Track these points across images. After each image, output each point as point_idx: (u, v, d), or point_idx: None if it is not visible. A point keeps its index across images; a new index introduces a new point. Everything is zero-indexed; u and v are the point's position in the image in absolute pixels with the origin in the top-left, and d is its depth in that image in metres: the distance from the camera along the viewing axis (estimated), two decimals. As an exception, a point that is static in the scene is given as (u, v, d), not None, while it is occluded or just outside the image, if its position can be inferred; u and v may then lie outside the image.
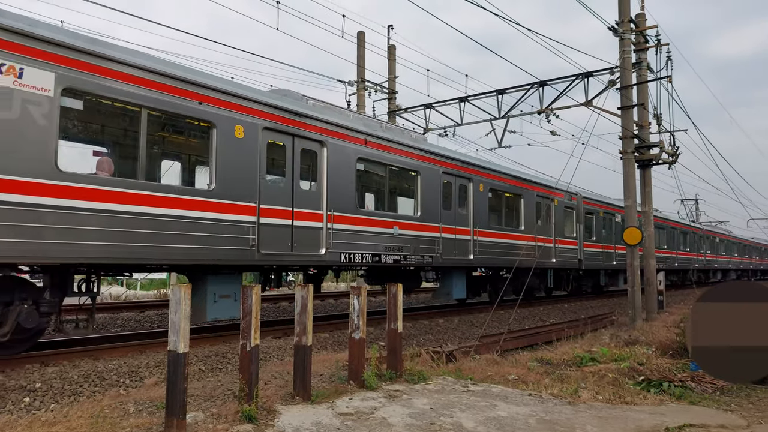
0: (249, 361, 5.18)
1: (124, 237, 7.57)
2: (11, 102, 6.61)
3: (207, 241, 8.56)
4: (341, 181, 10.92)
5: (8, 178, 6.54)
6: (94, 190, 7.31)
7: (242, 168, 9.13)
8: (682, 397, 6.52)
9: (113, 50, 7.72)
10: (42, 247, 6.80)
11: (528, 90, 17.10)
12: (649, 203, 16.07)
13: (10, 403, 6.32)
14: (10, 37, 6.61)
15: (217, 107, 8.77)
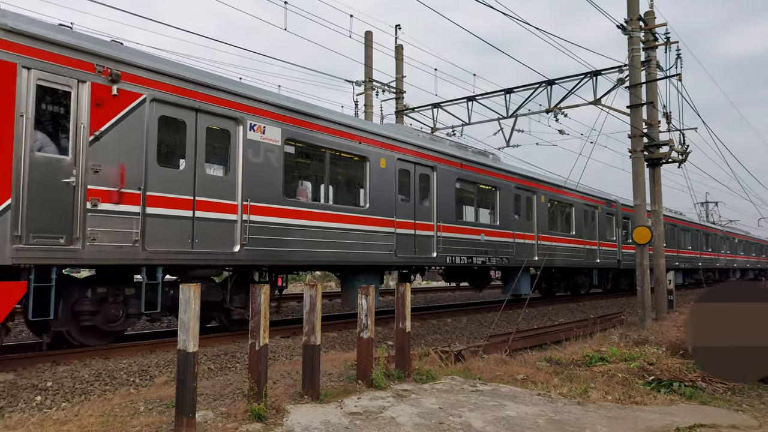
0: (258, 360, 5.20)
1: (314, 245, 10.28)
2: (260, 150, 9.39)
3: (364, 247, 11.29)
4: (446, 197, 13.49)
5: (264, 205, 9.39)
6: (300, 212, 10.11)
7: (385, 191, 11.87)
8: (693, 397, 6.47)
9: (316, 110, 10.64)
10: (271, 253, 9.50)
11: (536, 89, 17.04)
12: (658, 202, 15.97)
13: (22, 401, 6.38)
14: (260, 106, 9.46)
15: (370, 145, 11.57)
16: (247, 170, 9.23)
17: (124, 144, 7.72)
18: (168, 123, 8.40)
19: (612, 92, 15.39)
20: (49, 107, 7.27)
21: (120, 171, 7.63)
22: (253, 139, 9.28)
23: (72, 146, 7.31)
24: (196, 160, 8.66)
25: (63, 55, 7.24)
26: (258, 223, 9.31)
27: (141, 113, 7.94)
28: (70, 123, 7.32)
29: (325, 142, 10.68)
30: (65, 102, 7.33)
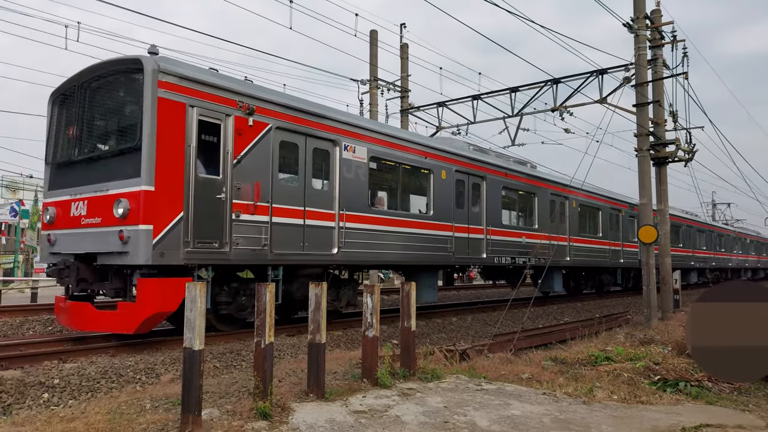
0: (263, 358, 5.21)
1: (391, 247, 11.83)
2: (351, 167, 11.00)
3: (429, 249, 12.87)
4: (494, 204, 15.18)
5: (354, 214, 11.04)
6: (381, 218, 11.71)
7: (445, 199, 13.45)
8: (699, 397, 6.45)
9: (392, 131, 12.59)
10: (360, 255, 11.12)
11: (542, 87, 16.99)
12: (664, 201, 15.91)
13: (29, 399, 6.42)
14: (351, 129, 11.14)
15: (433, 159, 13.17)
16: (342, 184, 10.90)
17: (257, 165, 9.37)
18: (286, 146, 10.04)
19: (618, 91, 15.34)
20: (206, 137, 8.76)
21: (255, 188, 9.29)
22: (347, 157, 11.00)
23: (222, 168, 8.91)
24: (306, 176, 10.31)
25: (216, 94, 8.87)
26: (351, 229, 10.99)
27: (268, 139, 9.62)
28: (220, 150, 8.93)
29: (399, 158, 12.42)
30: (216, 133, 8.90)
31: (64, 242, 9.11)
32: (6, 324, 11.54)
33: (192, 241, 8.35)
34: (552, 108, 16.78)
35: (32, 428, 4.69)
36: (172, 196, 8.15)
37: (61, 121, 9.69)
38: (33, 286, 18.55)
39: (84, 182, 8.83)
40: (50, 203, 9.53)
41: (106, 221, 8.32)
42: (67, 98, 9.57)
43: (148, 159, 7.96)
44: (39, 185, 29.28)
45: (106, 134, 9.16)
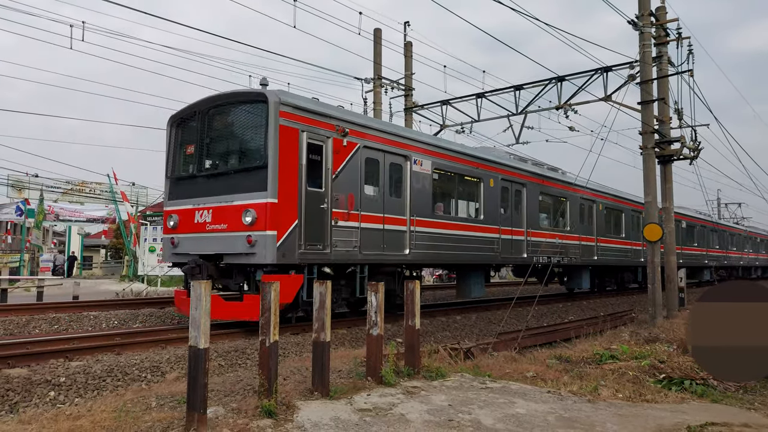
0: (268, 356, 5.23)
1: (449, 248, 13.23)
2: (419, 178, 12.43)
3: (480, 249, 14.28)
4: (533, 208, 16.60)
5: (422, 219, 12.42)
6: (441, 223, 13.07)
7: (493, 204, 14.91)
8: (704, 395, 6.43)
9: (451, 145, 14.11)
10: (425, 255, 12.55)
11: (546, 85, 16.94)
12: (669, 199, 15.84)
13: (35, 397, 6.46)
14: (419, 145, 12.61)
15: (483, 169, 14.71)
16: (412, 193, 12.34)
17: (349, 179, 10.84)
18: (370, 162, 11.47)
19: (623, 88, 15.29)
20: (312, 156, 10.23)
21: (349, 198, 10.81)
22: (416, 170, 12.47)
23: (324, 182, 10.40)
24: (384, 187, 11.76)
25: (320, 120, 10.42)
26: (419, 233, 12.42)
27: (357, 157, 11.09)
28: (322, 167, 10.41)
29: (455, 169, 13.95)
30: (320, 152, 10.42)
31: (187, 244, 10.65)
32: (12, 322, 11.60)
33: (304, 244, 9.90)
34: (556, 106, 16.73)
35: (39, 426, 4.72)
36: (290, 207, 9.72)
37: (182, 141, 11.26)
38: (39, 284, 18.64)
39: (207, 194, 10.39)
40: (173, 211, 11.01)
41: (232, 227, 9.84)
42: (188, 122, 11.12)
43: (272, 176, 9.52)
44: (45, 184, 29.39)
45: (229, 154, 10.71)
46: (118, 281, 27.66)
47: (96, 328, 11.94)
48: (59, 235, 43.59)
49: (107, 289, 23.48)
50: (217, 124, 10.72)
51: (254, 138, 10.10)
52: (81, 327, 11.93)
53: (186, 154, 11.09)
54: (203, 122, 10.71)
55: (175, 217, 10.93)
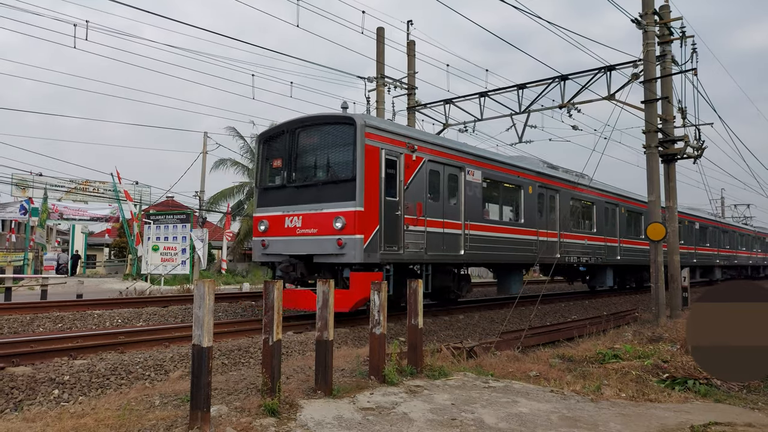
0: (271, 355, 5.24)
1: (495, 249, 14.57)
2: (471, 187, 13.82)
3: (521, 250, 15.57)
4: (564, 212, 18.10)
5: (474, 223, 13.79)
6: (490, 227, 14.48)
7: (531, 209, 16.29)
8: (708, 395, 6.42)
9: (497, 156, 15.67)
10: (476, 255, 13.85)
11: (549, 84, 16.91)
12: (673, 198, 15.80)
13: (40, 395, 6.48)
14: (472, 158, 14.10)
15: (524, 177, 16.14)
16: (466, 200, 13.65)
17: (417, 189, 12.22)
18: (432, 174, 12.85)
19: (626, 87, 15.23)
20: (389, 170, 11.66)
21: (417, 206, 12.19)
22: (469, 179, 13.81)
23: (398, 192, 11.80)
24: (443, 195, 13.08)
25: (395, 139, 11.87)
26: (471, 236, 13.75)
27: (423, 169, 12.47)
28: (396, 179, 11.81)
29: (501, 178, 15.33)
30: (395, 167, 11.81)
31: (277, 246, 12.12)
32: (17, 321, 11.64)
33: (383, 246, 11.27)
34: (560, 105, 16.69)
35: (43, 424, 4.74)
36: (373, 214, 11.15)
37: (270, 156, 12.75)
38: (42, 283, 18.69)
39: (296, 202, 11.87)
40: (262, 217, 12.49)
41: (323, 231, 11.32)
42: (276, 139, 12.61)
43: (359, 188, 10.97)
44: (48, 183, 29.46)
45: (317, 168, 12.11)
46: (121, 280, 27.72)
47: (100, 326, 11.98)
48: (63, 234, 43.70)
49: (111, 287, 23.53)
50: (306, 142, 12.18)
51: (343, 155, 11.56)
52: (85, 325, 11.97)
53: (273, 167, 12.67)
54: (291, 140, 12.20)
55: (265, 222, 12.38)
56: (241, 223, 38.46)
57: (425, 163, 12.48)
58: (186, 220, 25.71)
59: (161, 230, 25.63)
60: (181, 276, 25.85)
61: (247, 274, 33.80)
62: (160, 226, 25.75)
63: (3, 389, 6.45)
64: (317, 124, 12.18)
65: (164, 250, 25.17)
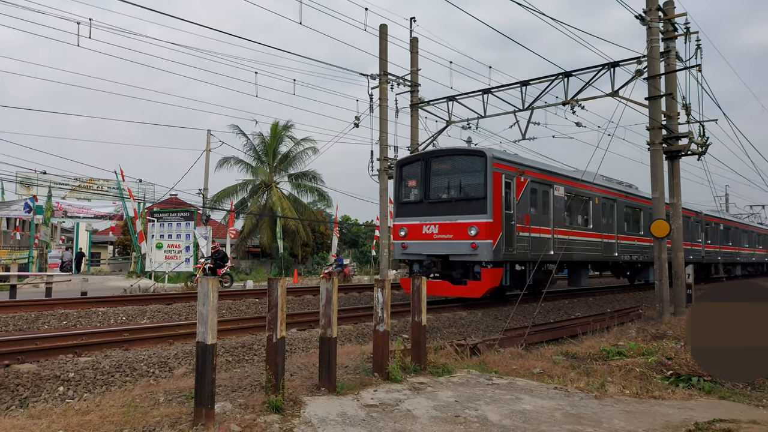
0: (275, 352, 5.24)
1: (571, 249, 17.01)
2: (557, 199, 16.61)
3: (590, 250, 18.40)
4: (620, 218, 20.79)
5: (559, 229, 16.52)
6: (569, 231, 17.08)
7: (596, 216, 19.08)
8: (712, 392, 6.41)
9: (575, 174, 18.01)
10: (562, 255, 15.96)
11: (553, 81, 16.87)
12: (677, 195, 15.76)
13: (45, 392, 6.51)
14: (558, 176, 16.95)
15: (591, 190, 18.81)
16: (554, 211, 16.51)
17: (524, 203, 15.19)
18: (533, 191, 15.81)
19: (630, 84, 15.19)
20: (506, 190, 14.53)
21: (525, 217, 15.16)
22: (556, 194, 16.67)
23: (512, 206, 14.68)
24: (540, 207, 16.03)
25: (511, 166, 14.86)
26: (557, 239, 16.51)
27: (527, 188, 15.39)
28: (511, 196, 14.69)
29: (577, 191, 18.01)
30: (509, 187, 14.70)
31: (415, 248, 15.13)
32: (21, 318, 11.69)
33: (504, 248, 14.21)
34: (563, 101, 16.66)
35: (48, 421, 4.76)
36: (497, 224, 14.07)
37: (407, 178, 15.90)
38: (47, 281, 18.76)
39: (432, 214, 14.88)
40: (402, 225, 15.57)
41: (458, 237, 14.24)
42: (412, 164, 15.89)
43: (489, 204, 13.95)
44: (53, 181, 29.54)
45: (451, 188, 15.08)
46: (125, 278, 27.81)
47: (104, 323, 12.03)
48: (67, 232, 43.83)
49: (115, 285, 23.61)
50: (438, 168, 15.24)
51: (475, 178, 14.44)
52: (89, 323, 12.02)
53: (408, 186, 15.84)
54: (425, 166, 15.37)
55: (405, 229, 15.47)
56: (244, 221, 38.53)
57: (528, 183, 15.46)
58: (190, 217, 25.75)
59: (165, 228, 25.68)
60: (185, 273, 25.92)
61: (251, 272, 33.86)
62: (164, 223, 25.80)
63: (8, 386, 6.48)
64: (449, 154, 15.40)
65: (168, 248, 25.23)
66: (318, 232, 41.38)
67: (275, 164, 38.26)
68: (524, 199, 15.17)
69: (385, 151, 20.89)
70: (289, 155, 38.61)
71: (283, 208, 35.38)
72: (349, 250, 47.50)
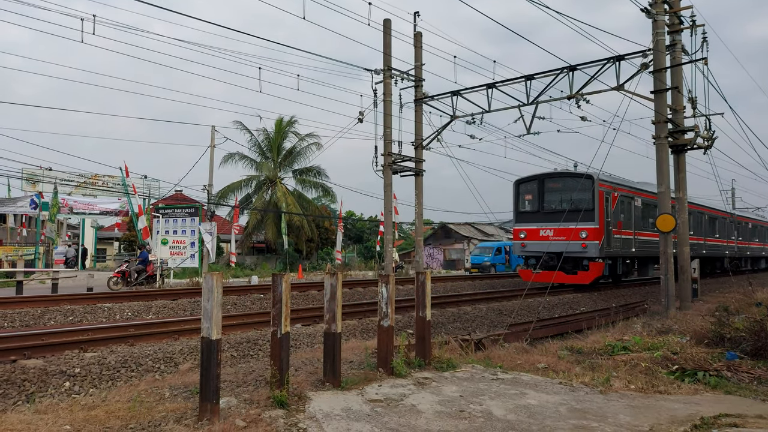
0: (280, 348, 5.25)
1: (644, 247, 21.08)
2: (636, 209, 21.12)
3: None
4: (698, 225, 26.33)
5: (638, 231, 20.96)
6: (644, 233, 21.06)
7: (628, 219, 21.90)
8: (718, 387, 6.37)
9: (646, 186, 21.89)
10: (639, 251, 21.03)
11: (557, 75, 16.78)
12: (683, 189, 15.68)
13: (51, 387, 6.55)
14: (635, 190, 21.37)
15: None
16: (634, 217, 20.67)
17: (617, 213, 19.27)
18: (622, 203, 19.90)
19: (635, 77, 15.09)
20: (606, 204, 18.58)
21: (618, 223, 19.30)
22: (635, 204, 20.90)
23: (610, 215, 18.77)
24: (626, 215, 20.05)
25: (608, 184, 19.00)
26: (637, 240, 20.75)
27: (618, 201, 19.44)
28: (608, 207, 18.71)
29: (647, 201, 21.43)
30: (608, 201, 18.74)
31: (533, 247, 19.58)
32: (28, 314, 11.76)
33: (605, 247, 18.34)
34: (568, 96, 16.57)
35: (54, 416, 4.78)
36: (601, 228, 18.25)
37: (524, 192, 20.35)
38: (53, 277, 18.85)
39: (548, 221, 19.25)
40: (522, 229, 20.12)
41: (570, 238, 18.02)
42: (528, 183, 20.36)
43: (596, 214, 18.21)
44: (58, 178, 29.62)
45: (563, 201, 19.25)
46: (131, 273, 27.85)
47: (110, 319, 12.08)
48: (73, 228, 44.00)
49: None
50: (551, 186, 19.85)
51: (585, 194, 18.28)
52: (95, 318, 12.07)
53: (525, 199, 20.30)
54: (541, 183, 19.98)
55: (524, 232, 20.03)
56: (249, 217, 38.58)
57: (619, 197, 19.76)
58: (195, 213, 25.80)
59: (170, 224, 25.75)
60: (190, 269, 25.98)
61: (256, 267, 33.94)
62: (169, 219, 25.87)
63: (15, 381, 6.52)
64: (561, 176, 20.09)
65: (173, 244, 25.30)
66: (322, 228, 41.42)
67: (280, 160, 38.28)
68: (617, 210, 19.45)
69: (389, 146, 20.84)
70: (294, 151, 38.63)
71: (288, 203, 35.41)
72: (353, 246, 47.54)
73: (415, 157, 21.78)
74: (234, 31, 24.44)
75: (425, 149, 21.88)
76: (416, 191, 21.92)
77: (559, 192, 19.54)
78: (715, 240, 30.87)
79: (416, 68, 21.55)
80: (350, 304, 14.35)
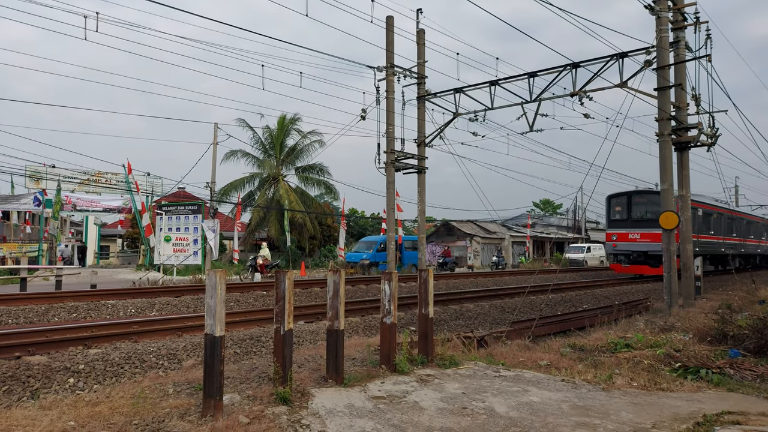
0: (283, 344, 5.26)
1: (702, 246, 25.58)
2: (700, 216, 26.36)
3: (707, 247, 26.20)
4: (724, 225, 29.46)
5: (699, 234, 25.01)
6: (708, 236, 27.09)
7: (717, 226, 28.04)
8: (720, 384, 6.37)
9: (703, 199, 28.18)
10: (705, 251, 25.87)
11: (560, 72, 16.75)
12: (686, 187, 15.65)
13: (55, 383, 6.58)
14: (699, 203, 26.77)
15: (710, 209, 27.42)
16: (697, 223, 23.57)
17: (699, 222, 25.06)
18: (705, 214, 25.99)
19: (639, 75, 15.06)
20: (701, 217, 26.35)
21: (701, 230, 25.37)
22: (698, 214, 24.39)
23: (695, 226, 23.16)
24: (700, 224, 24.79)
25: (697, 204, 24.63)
26: (703, 241, 24.92)
27: (698, 214, 24.84)
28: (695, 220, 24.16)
29: (706, 211, 25.82)
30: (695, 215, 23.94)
31: (622, 247, 24.86)
32: (32, 311, 11.80)
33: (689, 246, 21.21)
34: (571, 93, 16.54)
35: (59, 412, 4.80)
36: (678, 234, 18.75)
37: (615, 205, 25.45)
38: (57, 274, 18.92)
39: (634, 227, 24.55)
40: (613, 233, 25.45)
41: (653, 240, 22.54)
42: (618, 198, 25.61)
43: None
44: (62, 175, 29.71)
45: (647, 212, 23.96)
46: (134, 270, 27.99)
47: (114, 316, 12.12)
48: (76, 225, 44.12)
49: (124, 278, 23.78)
50: (639, 200, 24.85)
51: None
52: (99, 315, 12.12)
53: (615, 210, 25.44)
54: (628, 198, 25.21)
55: (615, 235, 25.22)
56: (251, 214, 38.61)
57: (698, 210, 24.02)
58: (197, 211, 25.86)
59: (173, 221, 25.81)
60: (193, 266, 26.04)
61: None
62: (172, 217, 25.93)
63: (19, 378, 6.56)
64: (645, 192, 25.32)
65: (176, 241, 25.36)
66: (325, 225, 41.44)
67: (282, 157, 38.29)
68: (701, 221, 24.84)
69: (392, 143, 20.84)
70: (296, 148, 38.63)
71: (291, 201, 35.43)
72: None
73: (418, 154, 21.77)
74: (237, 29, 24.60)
75: (428, 146, 21.88)
76: (419, 188, 21.92)
77: (644, 205, 24.74)
78: (750, 240, 37.06)
79: (419, 65, 21.53)
80: (353, 301, 14.37)
